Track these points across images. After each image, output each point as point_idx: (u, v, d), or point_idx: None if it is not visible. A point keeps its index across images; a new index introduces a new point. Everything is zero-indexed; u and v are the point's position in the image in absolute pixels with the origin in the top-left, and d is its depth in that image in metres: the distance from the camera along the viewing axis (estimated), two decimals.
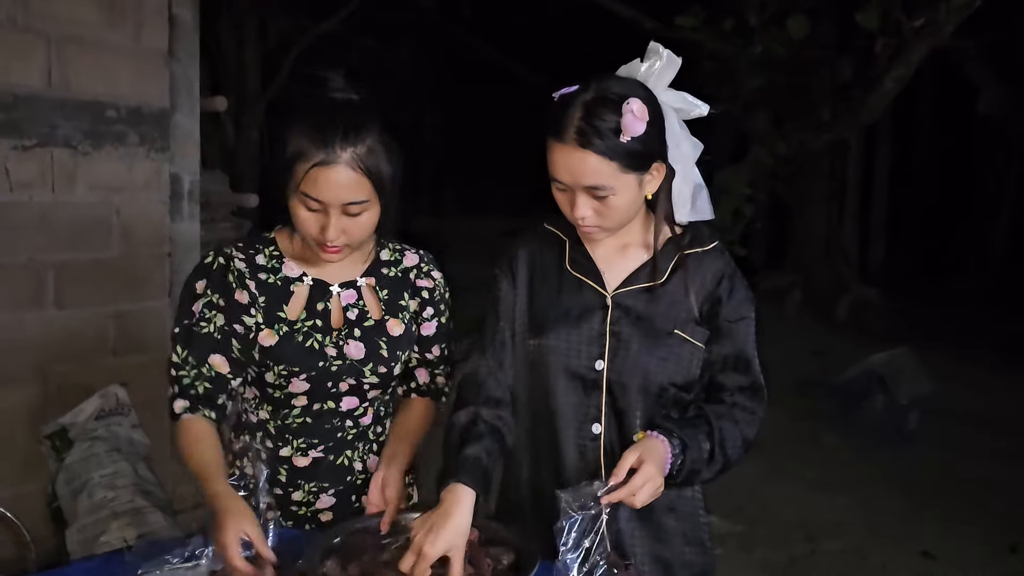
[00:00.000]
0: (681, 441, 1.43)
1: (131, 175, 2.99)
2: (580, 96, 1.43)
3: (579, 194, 1.45)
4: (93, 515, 2.75)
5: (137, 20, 2.95)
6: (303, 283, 1.59)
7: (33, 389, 2.85)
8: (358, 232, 1.49)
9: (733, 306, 1.55)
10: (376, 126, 1.47)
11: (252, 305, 1.55)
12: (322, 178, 1.42)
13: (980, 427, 5.65)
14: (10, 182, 2.71)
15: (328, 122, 1.43)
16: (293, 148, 1.44)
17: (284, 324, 1.55)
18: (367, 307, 1.62)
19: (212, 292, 1.56)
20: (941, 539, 4.00)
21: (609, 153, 1.40)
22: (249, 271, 1.57)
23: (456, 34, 11.02)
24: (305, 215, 1.47)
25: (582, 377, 1.53)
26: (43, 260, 2.81)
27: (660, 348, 1.51)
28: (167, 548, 1.41)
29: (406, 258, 1.69)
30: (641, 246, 1.58)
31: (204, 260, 1.60)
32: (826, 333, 8.31)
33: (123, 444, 2.93)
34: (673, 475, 1.43)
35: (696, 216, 1.57)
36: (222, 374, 1.56)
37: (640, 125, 1.40)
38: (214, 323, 1.55)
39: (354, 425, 1.65)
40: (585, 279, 1.57)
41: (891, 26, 6.80)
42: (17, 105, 2.69)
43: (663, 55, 1.47)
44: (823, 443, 5.35)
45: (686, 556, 1.60)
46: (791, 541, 3.97)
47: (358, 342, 1.58)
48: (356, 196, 1.44)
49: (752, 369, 1.56)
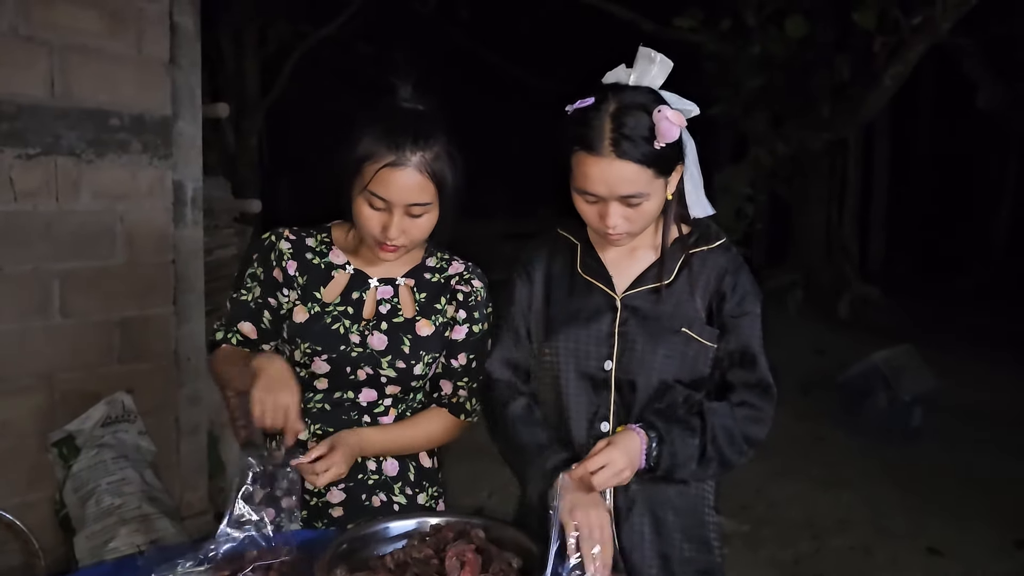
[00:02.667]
0: (658, 434, 1.45)
1: (135, 183, 3.00)
2: (603, 108, 1.44)
3: (612, 204, 1.46)
4: (101, 522, 2.76)
5: (138, 29, 2.95)
6: (344, 271, 1.68)
7: (40, 397, 2.86)
8: (417, 233, 1.57)
9: (736, 302, 1.57)
10: (443, 135, 1.55)
11: (287, 285, 1.65)
12: (391, 178, 1.50)
13: (984, 423, 5.65)
14: (14, 191, 2.71)
15: (400, 127, 1.50)
16: (363, 149, 1.51)
17: (317, 304, 1.64)
18: (400, 305, 1.68)
19: (258, 265, 1.67)
20: (947, 535, 4.00)
21: (645, 160, 1.43)
22: (293, 251, 1.67)
23: (455, 38, 11.04)
24: (369, 213, 1.54)
25: (592, 377, 1.57)
26: (48, 269, 2.82)
27: (665, 346, 1.54)
28: (178, 553, 1.42)
29: (452, 266, 1.74)
30: (650, 248, 1.61)
31: (260, 236, 1.72)
32: (828, 331, 8.32)
33: (130, 451, 2.94)
34: (651, 467, 1.46)
35: (703, 212, 1.60)
36: (252, 339, 1.67)
37: (675, 131, 1.43)
38: (253, 293, 1.66)
39: (372, 422, 1.68)
40: (595, 282, 1.60)
41: (889, 24, 6.82)
42: (20, 115, 2.70)
43: (655, 58, 1.49)
44: (827, 441, 5.36)
45: (685, 553, 1.61)
46: (797, 539, 3.98)
47: (383, 335, 1.64)
48: (420, 198, 1.52)
49: (758, 366, 1.57)
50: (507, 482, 4.43)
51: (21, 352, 2.79)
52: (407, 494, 1.74)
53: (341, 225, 1.71)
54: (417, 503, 1.75)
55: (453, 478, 1.86)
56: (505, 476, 4.67)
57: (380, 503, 1.70)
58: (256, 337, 1.67)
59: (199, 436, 3.37)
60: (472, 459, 4.47)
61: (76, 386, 2.92)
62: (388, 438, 1.68)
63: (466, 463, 4.34)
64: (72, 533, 2.81)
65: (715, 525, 1.65)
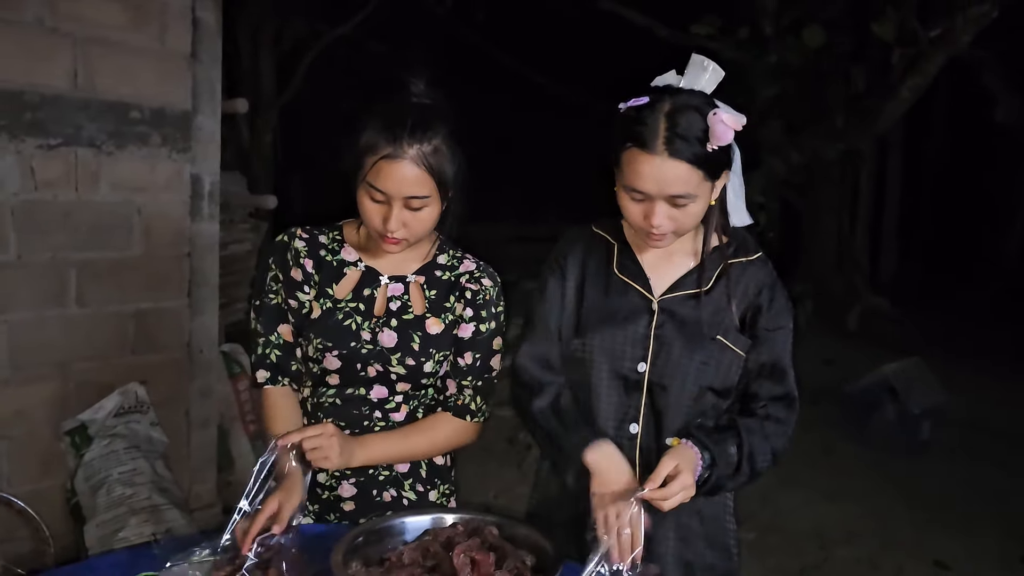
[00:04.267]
0: (711, 455, 1.47)
1: (153, 175, 3.02)
2: (658, 107, 1.45)
3: (659, 203, 1.47)
4: (111, 511, 2.78)
5: (161, 23, 2.98)
6: (356, 268, 1.69)
7: (54, 386, 2.88)
8: (417, 226, 1.57)
9: (772, 316, 1.59)
10: (444, 129, 1.55)
11: (306, 283, 1.66)
12: (388, 170, 1.51)
13: (993, 437, 5.63)
14: (35, 181, 2.74)
15: (399, 119, 1.51)
16: (365, 141, 1.53)
17: (329, 300, 1.65)
18: (411, 302, 1.68)
19: (276, 267, 1.68)
20: (954, 549, 3.98)
21: (697, 161, 1.43)
22: (308, 250, 1.68)
23: (470, 39, 11.05)
24: (370, 205, 1.55)
25: (624, 378, 1.58)
26: (66, 258, 2.84)
27: (701, 352, 1.55)
28: (192, 543, 1.43)
29: (463, 265, 1.74)
30: (688, 253, 1.62)
31: (275, 238, 1.72)
32: (837, 342, 8.28)
33: (141, 442, 2.96)
34: (698, 486, 1.47)
35: (741, 221, 1.61)
36: (290, 342, 1.67)
37: (730, 134, 1.44)
38: (279, 295, 1.67)
39: (383, 417, 1.69)
40: (632, 283, 1.61)
41: (907, 36, 6.80)
42: (43, 105, 2.72)
43: (707, 66, 1.49)
44: (835, 452, 5.34)
45: (707, 559, 1.63)
46: (804, 549, 3.97)
47: (393, 332, 1.64)
48: (418, 191, 1.52)
49: (787, 379, 1.59)
50: (513, 482, 4.44)
51: (37, 341, 2.81)
52: (417, 491, 1.74)
53: (352, 223, 1.73)
54: (428, 500, 1.75)
55: (459, 478, 1.86)
56: (511, 476, 4.69)
57: (391, 498, 1.71)
58: (292, 340, 1.67)
59: (209, 429, 3.38)
60: (478, 460, 4.49)
61: (90, 376, 2.94)
62: (389, 445, 1.67)
63: (472, 464, 4.35)
64: (82, 521, 2.83)
65: (734, 531, 1.67)
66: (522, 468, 4.55)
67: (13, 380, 2.78)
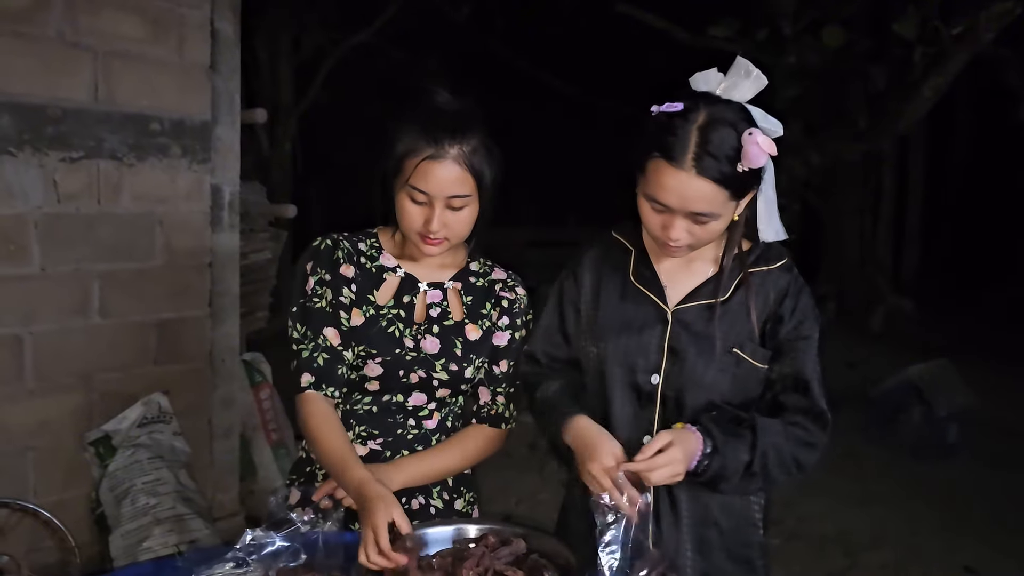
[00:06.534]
0: (713, 444, 1.43)
1: (174, 186, 3.04)
2: (691, 118, 1.39)
3: (679, 218, 1.43)
4: (136, 521, 2.79)
5: (180, 35, 3.00)
6: (395, 274, 1.69)
7: (78, 396, 2.90)
8: (459, 226, 1.59)
9: (793, 325, 1.53)
10: (481, 130, 1.57)
11: (347, 285, 1.65)
12: (431, 171, 1.53)
13: (1020, 440, 5.54)
14: (58, 193, 2.76)
15: (438, 122, 1.54)
16: (404, 145, 1.55)
17: (372, 307, 1.65)
18: (450, 308, 1.70)
19: (321, 270, 1.65)
20: (982, 554, 3.93)
21: (723, 181, 1.38)
22: (350, 254, 1.68)
23: (489, 45, 11.07)
24: (411, 207, 1.57)
25: (638, 389, 1.55)
26: (89, 269, 2.86)
27: (716, 365, 1.51)
28: (216, 554, 1.43)
29: (494, 272, 1.77)
30: (708, 261, 1.57)
31: (312, 244, 1.70)
32: (861, 344, 8.20)
33: (165, 451, 2.97)
34: (697, 473, 1.43)
35: (775, 236, 1.55)
36: (335, 346, 1.62)
37: (763, 158, 1.38)
38: (325, 298, 1.64)
39: (416, 426, 1.70)
40: (647, 292, 1.57)
41: (929, 34, 6.72)
42: (65, 118, 2.75)
43: (750, 72, 1.43)
44: (860, 456, 5.28)
45: (728, 571, 1.58)
46: (829, 555, 3.92)
47: (435, 338, 1.65)
48: (460, 190, 1.55)
49: (811, 392, 1.53)
50: (535, 490, 4.42)
51: (61, 352, 2.83)
52: (444, 499, 1.74)
53: (385, 230, 1.74)
54: (454, 508, 1.75)
55: (481, 486, 1.86)
56: (532, 484, 4.67)
57: (419, 506, 1.70)
58: (339, 343, 1.62)
59: (232, 438, 3.40)
60: (500, 468, 4.48)
61: (114, 386, 2.96)
62: (424, 464, 1.67)
63: (494, 472, 4.33)
64: (107, 531, 2.84)
65: (760, 544, 1.61)
66: (543, 474, 4.54)
67: (38, 391, 2.80)
